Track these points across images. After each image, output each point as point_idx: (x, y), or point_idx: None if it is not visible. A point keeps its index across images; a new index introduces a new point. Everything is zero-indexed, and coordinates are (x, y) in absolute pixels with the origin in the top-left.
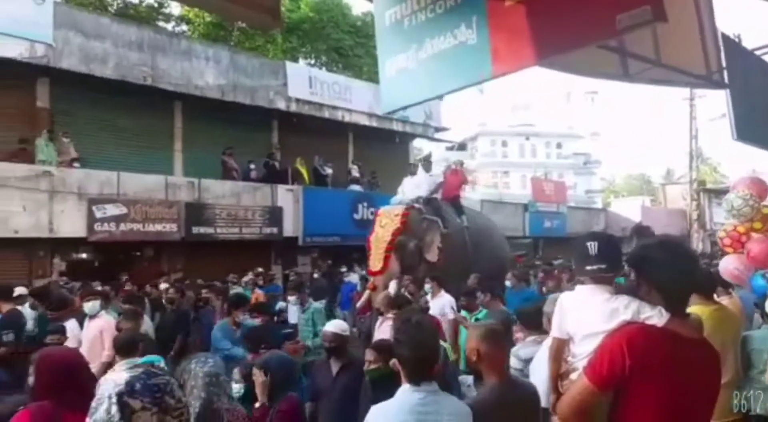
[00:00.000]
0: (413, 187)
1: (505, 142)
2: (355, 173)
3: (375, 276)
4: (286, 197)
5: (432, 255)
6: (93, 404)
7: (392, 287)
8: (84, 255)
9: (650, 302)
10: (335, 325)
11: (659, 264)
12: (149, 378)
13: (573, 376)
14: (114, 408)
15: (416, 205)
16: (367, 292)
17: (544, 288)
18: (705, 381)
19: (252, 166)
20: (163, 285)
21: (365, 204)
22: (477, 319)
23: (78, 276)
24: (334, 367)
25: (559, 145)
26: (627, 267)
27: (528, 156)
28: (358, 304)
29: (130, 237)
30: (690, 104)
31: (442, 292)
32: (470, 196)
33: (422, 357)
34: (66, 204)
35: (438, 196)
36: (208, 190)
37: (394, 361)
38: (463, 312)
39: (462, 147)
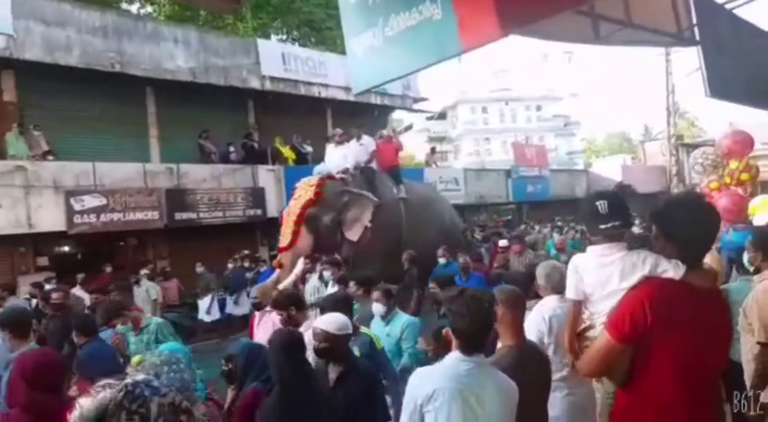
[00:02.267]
0: (340, 158)
1: (485, 109)
2: None
3: (282, 253)
4: (268, 177)
5: (353, 234)
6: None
7: (299, 267)
8: (66, 249)
9: (668, 255)
10: (329, 321)
11: (681, 219)
12: (133, 391)
13: (592, 333)
14: None
15: (338, 176)
16: (275, 272)
17: (495, 264)
18: (719, 328)
19: (231, 149)
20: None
21: None
22: None
23: (61, 270)
24: (332, 374)
25: (538, 108)
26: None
27: (508, 121)
28: (260, 286)
29: (112, 227)
30: (666, 59)
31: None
32: (453, 165)
33: (477, 330)
34: (43, 198)
35: (373, 165)
36: (188, 175)
37: (447, 330)
38: None
39: (442, 116)
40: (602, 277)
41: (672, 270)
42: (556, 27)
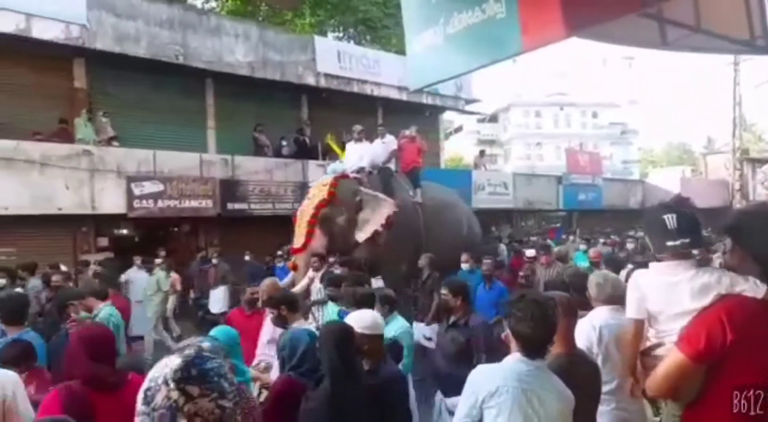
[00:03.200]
0: (357, 157)
1: (538, 113)
2: None
3: (296, 255)
4: (317, 173)
5: (362, 235)
6: (146, 389)
7: (311, 273)
8: (125, 231)
9: (743, 272)
10: (360, 319)
11: (758, 232)
12: (204, 362)
13: (660, 351)
14: (175, 394)
15: (353, 175)
16: (290, 274)
17: (521, 273)
18: None
19: (284, 143)
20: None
21: None
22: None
23: (119, 251)
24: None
25: (594, 114)
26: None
27: (562, 126)
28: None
29: (168, 213)
30: (734, 69)
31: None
32: (502, 169)
33: (540, 336)
34: (106, 182)
35: (392, 165)
36: (241, 166)
37: (507, 332)
38: None
39: (493, 118)
40: (670, 297)
41: (750, 289)
42: (620, 30)
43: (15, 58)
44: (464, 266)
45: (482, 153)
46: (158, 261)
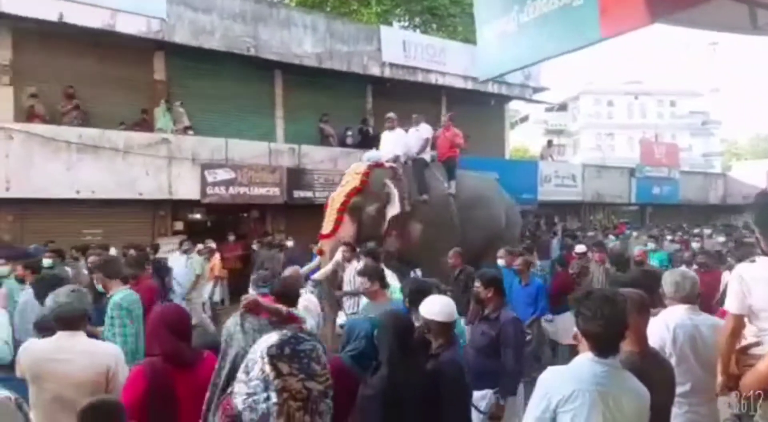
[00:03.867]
0: (391, 145)
1: (611, 102)
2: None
3: (323, 241)
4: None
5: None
6: (248, 360)
7: (338, 255)
8: (198, 216)
9: None
10: (433, 306)
11: None
12: (298, 343)
13: (758, 351)
14: (267, 369)
15: (387, 164)
16: (317, 258)
17: (570, 270)
18: None
19: (348, 133)
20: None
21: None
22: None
23: (192, 235)
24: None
25: (673, 103)
26: None
27: (637, 116)
28: (303, 270)
29: (238, 200)
30: None
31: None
32: (570, 160)
33: (611, 333)
34: (182, 168)
35: (426, 155)
36: (308, 155)
37: (576, 332)
38: None
39: (563, 107)
40: None
41: None
42: (706, 14)
43: (102, 52)
44: (500, 261)
45: (549, 143)
46: (200, 246)
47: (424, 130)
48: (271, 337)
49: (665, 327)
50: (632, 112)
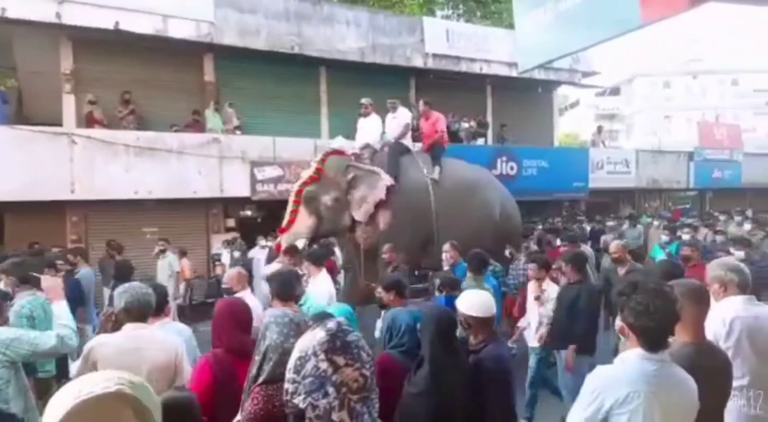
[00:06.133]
0: (363, 132)
1: (667, 83)
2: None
3: (281, 235)
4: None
5: (360, 214)
6: (296, 359)
7: (300, 246)
8: (249, 213)
9: None
10: (471, 300)
11: None
12: (346, 334)
13: None
14: (324, 365)
15: (350, 151)
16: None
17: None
18: None
19: None
20: None
21: (504, 158)
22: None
23: (244, 232)
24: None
25: (734, 82)
26: None
27: (695, 97)
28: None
29: (287, 196)
30: None
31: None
32: (623, 146)
33: (664, 328)
34: (232, 167)
35: (406, 141)
36: None
37: (621, 325)
38: None
39: (615, 91)
40: None
41: None
42: None
43: (154, 56)
44: (444, 256)
45: (600, 129)
46: (164, 245)
47: (402, 116)
48: (318, 333)
49: (721, 319)
50: (691, 93)
